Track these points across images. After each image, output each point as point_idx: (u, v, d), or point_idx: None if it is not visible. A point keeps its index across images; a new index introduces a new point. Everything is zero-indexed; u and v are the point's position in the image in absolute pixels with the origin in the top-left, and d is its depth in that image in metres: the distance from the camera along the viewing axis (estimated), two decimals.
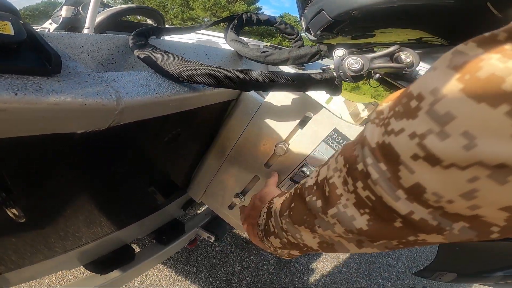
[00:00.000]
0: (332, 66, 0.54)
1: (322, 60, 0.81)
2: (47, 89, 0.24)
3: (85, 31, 1.25)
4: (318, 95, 0.85)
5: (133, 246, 0.89)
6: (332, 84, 0.51)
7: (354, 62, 0.42)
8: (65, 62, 0.32)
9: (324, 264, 1.65)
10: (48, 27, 2.55)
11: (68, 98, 0.25)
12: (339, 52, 0.55)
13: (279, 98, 0.53)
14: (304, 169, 0.57)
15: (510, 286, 0.92)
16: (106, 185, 0.58)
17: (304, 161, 0.56)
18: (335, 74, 0.54)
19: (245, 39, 2.24)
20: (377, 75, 0.50)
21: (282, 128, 0.55)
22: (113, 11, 2.01)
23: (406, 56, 0.45)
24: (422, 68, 0.52)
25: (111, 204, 0.65)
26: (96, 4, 1.27)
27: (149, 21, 2.43)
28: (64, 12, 2.49)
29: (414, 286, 1.69)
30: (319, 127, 0.51)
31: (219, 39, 2.29)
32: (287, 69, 1.06)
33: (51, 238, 0.55)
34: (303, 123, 0.53)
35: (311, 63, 0.93)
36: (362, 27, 0.50)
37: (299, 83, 0.44)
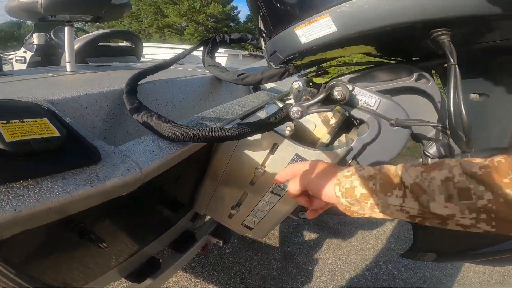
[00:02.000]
0: (291, 99, 0.72)
1: (291, 76, 0.96)
2: (103, 177, 0.42)
3: (67, 66, 1.27)
4: None
5: (157, 257, 1.07)
6: (292, 120, 0.67)
7: (295, 112, 0.58)
8: (94, 143, 0.49)
9: (327, 253, 1.82)
10: (23, 55, 2.66)
11: (116, 180, 0.43)
12: (295, 85, 0.72)
13: None
14: (280, 184, 0.74)
15: (500, 261, 0.93)
16: (140, 216, 0.77)
17: None
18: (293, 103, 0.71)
19: (223, 50, 2.39)
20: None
21: (257, 156, 0.72)
22: (89, 39, 2.05)
23: (338, 93, 0.61)
24: (359, 92, 0.65)
25: (142, 227, 0.84)
26: (71, 37, 1.26)
27: (125, 44, 2.50)
28: (36, 39, 2.63)
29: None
30: (284, 153, 0.68)
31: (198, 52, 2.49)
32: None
33: (108, 259, 0.74)
34: (273, 150, 0.70)
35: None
36: (312, 55, 0.64)
37: (262, 128, 0.61)
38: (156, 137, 0.58)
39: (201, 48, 1.31)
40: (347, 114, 0.90)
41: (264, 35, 0.67)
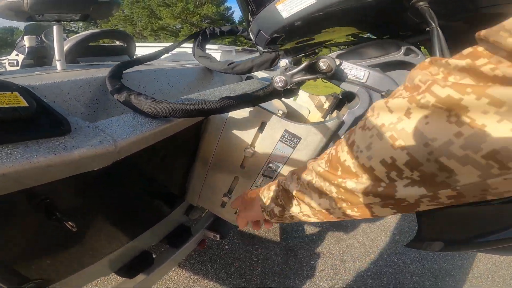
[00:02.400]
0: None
1: (281, 60, 0.95)
2: (70, 147, 0.39)
3: (57, 64, 1.27)
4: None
5: (151, 251, 1.04)
6: (279, 93, 0.64)
7: (279, 81, 0.55)
8: (69, 119, 0.46)
9: (329, 247, 1.78)
10: (15, 58, 2.66)
11: (84, 150, 0.40)
12: (282, 63, 0.70)
13: (239, 112, 0.67)
14: (271, 165, 0.71)
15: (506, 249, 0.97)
16: (124, 201, 0.73)
17: (269, 158, 0.70)
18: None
19: (216, 46, 2.38)
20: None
21: (246, 135, 0.69)
22: (79, 38, 2.03)
23: (323, 63, 0.58)
24: (347, 66, 0.63)
25: (126, 216, 0.81)
26: (60, 36, 1.27)
27: (118, 43, 2.47)
28: (27, 42, 2.63)
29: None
30: (273, 130, 0.65)
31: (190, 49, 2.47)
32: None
33: (89, 247, 0.70)
34: (261, 128, 0.67)
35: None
36: (298, 35, 0.63)
37: (247, 101, 0.58)
38: (137, 114, 0.55)
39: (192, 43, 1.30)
40: (340, 97, 0.88)
41: (249, 17, 0.66)
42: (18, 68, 2.62)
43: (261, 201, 0.49)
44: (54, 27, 1.23)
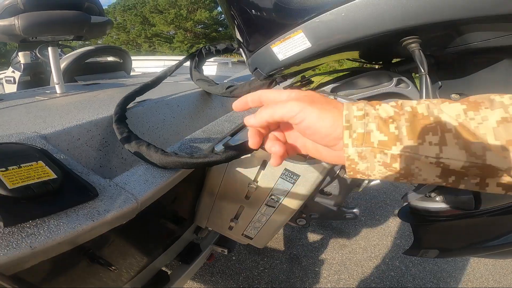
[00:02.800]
0: None
1: (279, 84, 0.98)
2: (102, 211, 0.46)
3: (56, 87, 1.28)
4: None
5: (166, 270, 1.12)
6: None
7: None
8: (89, 178, 0.53)
9: (332, 253, 1.86)
10: (12, 75, 2.68)
11: (114, 212, 0.47)
12: None
13: None
14: (273, 197, 0.78)
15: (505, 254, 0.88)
16: (144, 236, 0.82)
17: (271, 192, 0.77)
18: None
19: (212, 59, 2.40)
20: None
21: (249, 172, 0.75)
22: (75, 56, 2.04)
23: None
24: (341, 101, 0.69)
25: (147, 245, 0.89)
26: (56, 57, 1.27)
27: (113, 59, 2.48)
28: (22, 58, 2.64)
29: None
30: (274, 168, 0.72)
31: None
32: None
33: (119, 277, 0.79)
34: (263, 166, 0.74)
35: None
36: (296, 67, 0.66)
37: (248, 150, 0.64)
38: (149, 165, 0.62)
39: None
40: None
41: (244, 50, 0.70)
42: (15, 85, 2.65)
43: (348, 105, 0.30)
44: (49, 48, 1.26)
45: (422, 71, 0.53)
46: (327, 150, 0.33)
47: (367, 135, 0.28)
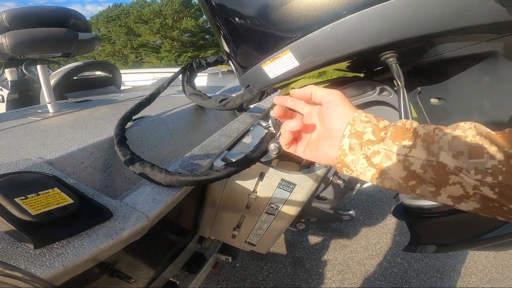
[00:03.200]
0: (271, 127, 0.81)
1: (270, 95, 1.03)
2: (119, 230, 0.51)
3: (49, 106, 1.29)
4: None
5: (174, 280, 1.16)
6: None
7: (273, 149, 0.66)
8: (101, 200, 0.58)
9: (334, 254, 1.91)
10: (0, 93, 2.63)
11: (129, 230, 0.52)
12: (272, 114, 0.81)
13: None
14: (272, 205, 0.83)
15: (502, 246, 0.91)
16: (155, 248, 0.87)
17: (270, 200, 0.82)
18: (272, 130, 0.80)
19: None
20: None
21: (248, 184, 0.81)
22: (64, 73, 2.02)
23: None
24: None
25: (157, 257, 0.94)
26: (45, 75, 1.27)
27: (102, 74, 2.46)
28: (8, 75, 2.61)
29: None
30: (271, 179, 0.77)
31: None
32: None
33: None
34: (261, 177, 0.79)
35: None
36: (286, 81, 0.70)
37: (247, 165, 0.69)
38: (154, 185, 0.67)
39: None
40: None
41: (236, 68, 0.75)
42: (4, 104, 2.63)
43: (360, 115, 0.40)
44: (38, 66, 1.26)
45: (399, 84, 0.58)
46: (323, 147, 0.42)
47: (362, 134, 0.38)
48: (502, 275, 1.78)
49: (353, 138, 0.38)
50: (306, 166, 0.91)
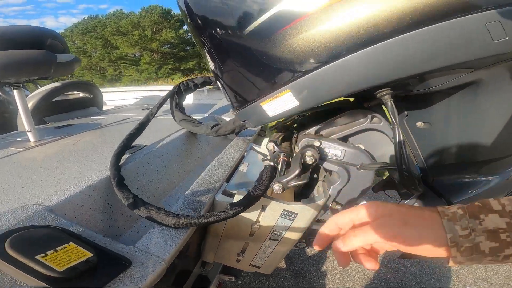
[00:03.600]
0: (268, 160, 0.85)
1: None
2: (141, 277, 0.53)
3: (29, 135, 1.26)
4: None
5: None
6: (273, 176, 0.80)
7: (278, 189, 0.70)
8: (115, 248, 0.61)
9: (332, 264, 1.96)
10: None
11: (151, 276, 0.54)
12: (269, 147, 0.86)
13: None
14: (275, 232, 0.87)
15: None
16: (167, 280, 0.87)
17: (273, 228, 0.86)
18: (271, 163, 0.84)
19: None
20: None
21: (251, 215, 0.84)
22: (42, 95, 1.95)
23: (310, 158, 0.74)
24: (326, 145, 0.77)
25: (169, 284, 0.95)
26: (23, 101, 1.23)
27: (83, 94, 2.38)
28: None
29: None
30: (273, 210, 0.81)
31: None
32: None
33: None
34: (263, 209, 0.83)
35: None
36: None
37: (252, 202, 0.71)
38: (161, 226, 0.69)
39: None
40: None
41: (232, 102, 0.75)
42: None
43: (448, 224, 0.34)
44: (15, 91, 1.21)
45: (395, 123, 0.62)
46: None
47: (476, 246, 0.33)
48: (497, 273, 1.85)
49: (469, 255, 0.33)
50: (300, 193, 0.96)
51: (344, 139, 0.82)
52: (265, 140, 1.24)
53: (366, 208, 0.40)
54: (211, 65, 0.73)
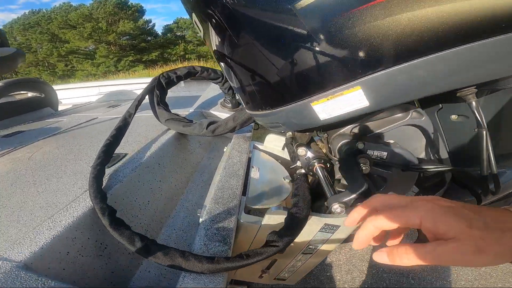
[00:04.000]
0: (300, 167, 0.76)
1: None
2: None
3: None
4: None
5: None
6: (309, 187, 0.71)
7: (340, 210, 0.58)
8: None
9: (336, 255, 1.92)
10: None
11: None
12: (301, 152, 0.76)
13: (274, 217, 0.71)
14: (311, 246, 0.79)
15: None
16: None
17: (309, 243, 0.77)
18: (303, 171, 0.75)
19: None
20: None
21: None
22: None
23: (365, 168, 0.64)
24: (371, 147, 0.68)
25: None
26: None
27: (32, 94, 2.10)
28: None
29: None
30: (312, 226, 0.71)
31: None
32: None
33: None
34: None
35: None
36: None
37: (301, 228, 0.62)
38: (193, 274, 0.55)
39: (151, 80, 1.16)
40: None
41: (257, 100, 0.61)
42: None
43: None
44: None
45: (482, 126, 0.54)
46: None
47: None
48: (494, 270, 1.88)
49: None
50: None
51: (378, 137, 0.74)
52: (268, 137, 1.14)
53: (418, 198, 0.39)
54: (227, 50, 0.57)
